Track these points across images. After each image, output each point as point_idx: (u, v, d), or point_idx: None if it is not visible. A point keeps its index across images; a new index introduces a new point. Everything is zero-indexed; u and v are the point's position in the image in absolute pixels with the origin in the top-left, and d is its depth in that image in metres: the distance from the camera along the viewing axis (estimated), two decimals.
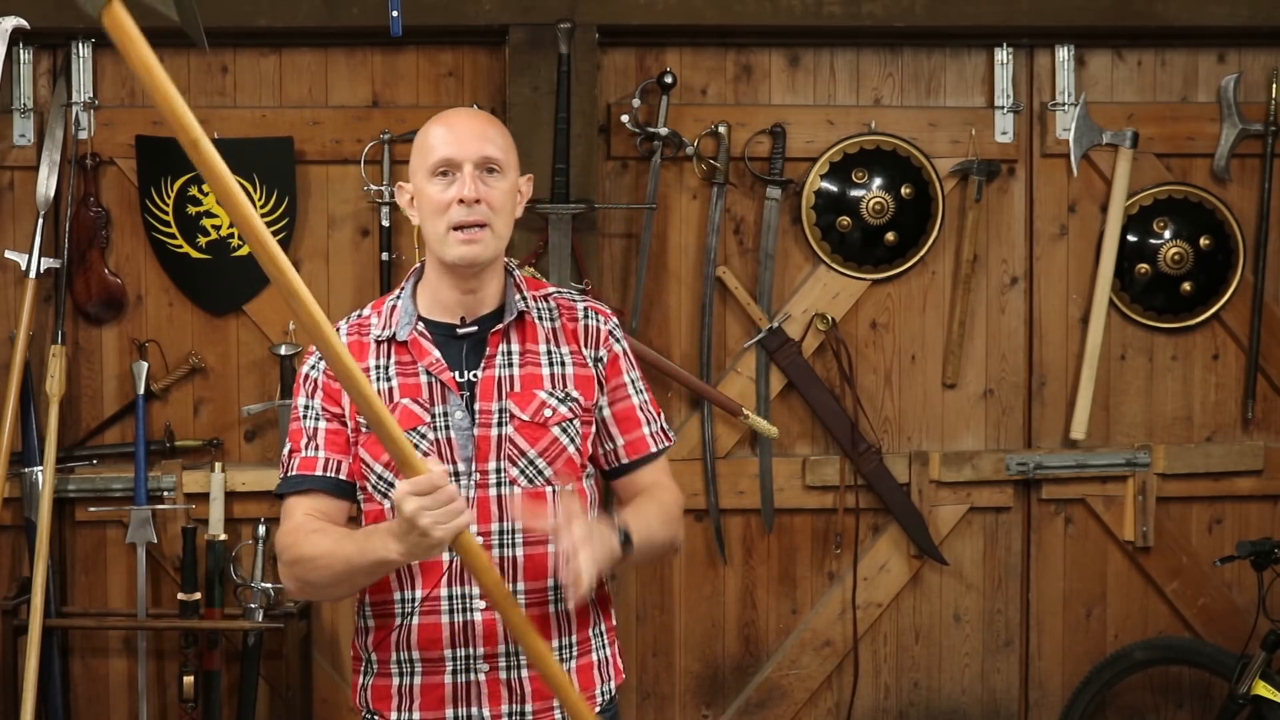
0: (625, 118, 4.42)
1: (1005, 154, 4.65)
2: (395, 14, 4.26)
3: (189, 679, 4.33)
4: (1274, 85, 4.66)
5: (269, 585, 4.33)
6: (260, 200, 4.44)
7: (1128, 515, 4.69)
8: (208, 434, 4.52)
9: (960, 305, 4.63)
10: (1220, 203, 4.68)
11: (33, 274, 4.33)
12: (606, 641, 2.61)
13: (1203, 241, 4.67)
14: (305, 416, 2.54)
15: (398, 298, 2.58)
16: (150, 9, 2.07)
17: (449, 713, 2.49)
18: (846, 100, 4.63)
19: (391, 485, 2.44)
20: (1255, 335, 4.70)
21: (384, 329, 2.54)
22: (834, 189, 4.59)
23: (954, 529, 4.67)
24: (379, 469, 2.49)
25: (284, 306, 4.45)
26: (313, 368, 2.56)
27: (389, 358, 2.52)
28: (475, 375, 2.50)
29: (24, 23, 4.26)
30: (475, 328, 2.52)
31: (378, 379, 2.50)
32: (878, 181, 4.58)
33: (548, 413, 2.50)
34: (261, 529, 4.37)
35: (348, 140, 4.48)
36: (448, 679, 2.48)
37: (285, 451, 2.56)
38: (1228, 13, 4.52)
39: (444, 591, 2.48)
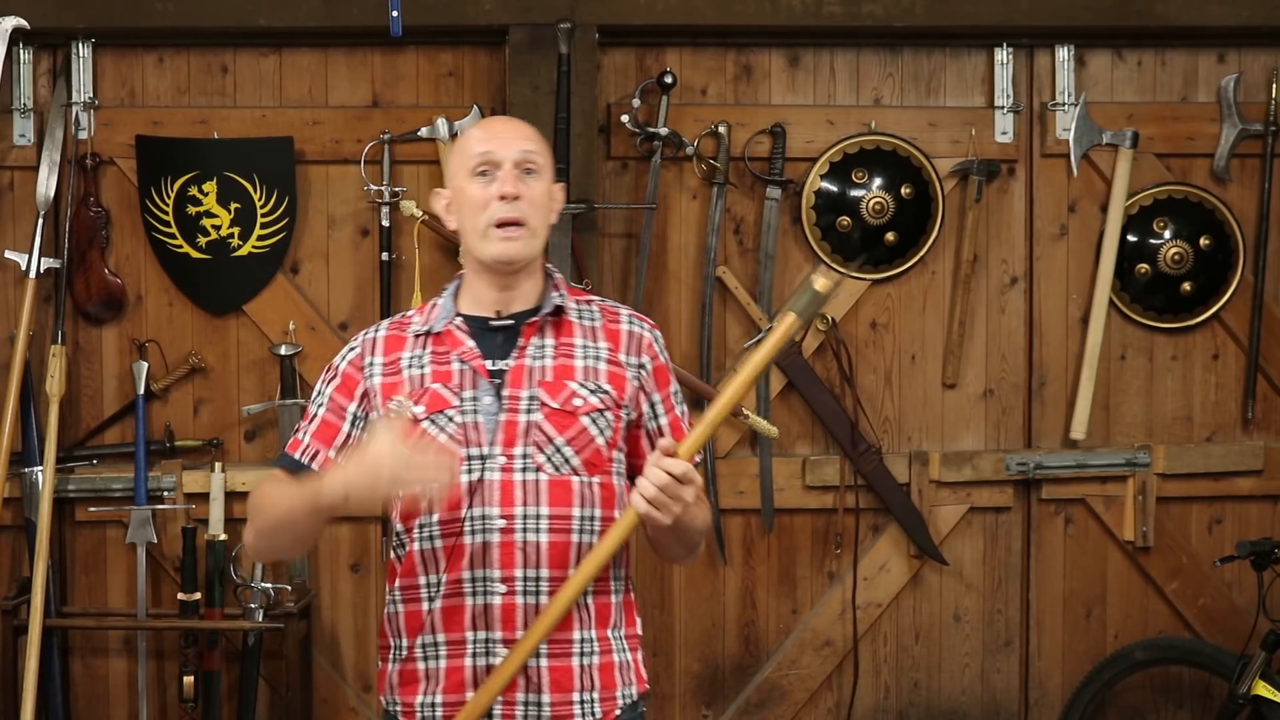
0: (625, 118, 4.42)
1: (1005, 154, 4.65)
2: (395, 14, 4.26)
3: (189, 679, 4.32)
4: (1274, 85, 4.65)
5: (269, 585, 4.33)
6: (260, 200, 4.44)
7: (1128, 515, 4.69)
8: (208, 434, 4.52)
9: (960, 305, 4.63)
10: (1220, 203, 4.68)
11: (33, 274, 4.33)
12: (628, 646, 2.62)
13: (1203, 241, 4.67)
14: (314, 400, 2.64)
15: (440, 298, 2.66)
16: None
17: (469, 696, 2.51)
18: (846, 100, 4.63)
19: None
20: (1255, 335, 4.70)
21: (424, 324, 2.61)
22: (834, 189, 4.59)
23: (954, 529, 4.67)
24: None
25: (284, 306, 4.46)
26: (342, 358, 2.64)
27: (425, 348, 2.58)
28: (506, 364, 2.55)
29: (24, 23, 4.26)
30: (510, 321, 2.58)
31: (411, 366, 2.57)
32: (878, 181, 4.58)
33: (578, 402, 2.54)
34: None
35: (348, 140, 4.48)
36: (467, 661, 2.51)
37: (294, 432, 2.66)
38: (1228, 13, 4.51)
39: (466, 574, 2.51)
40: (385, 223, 4.46)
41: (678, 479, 2.41)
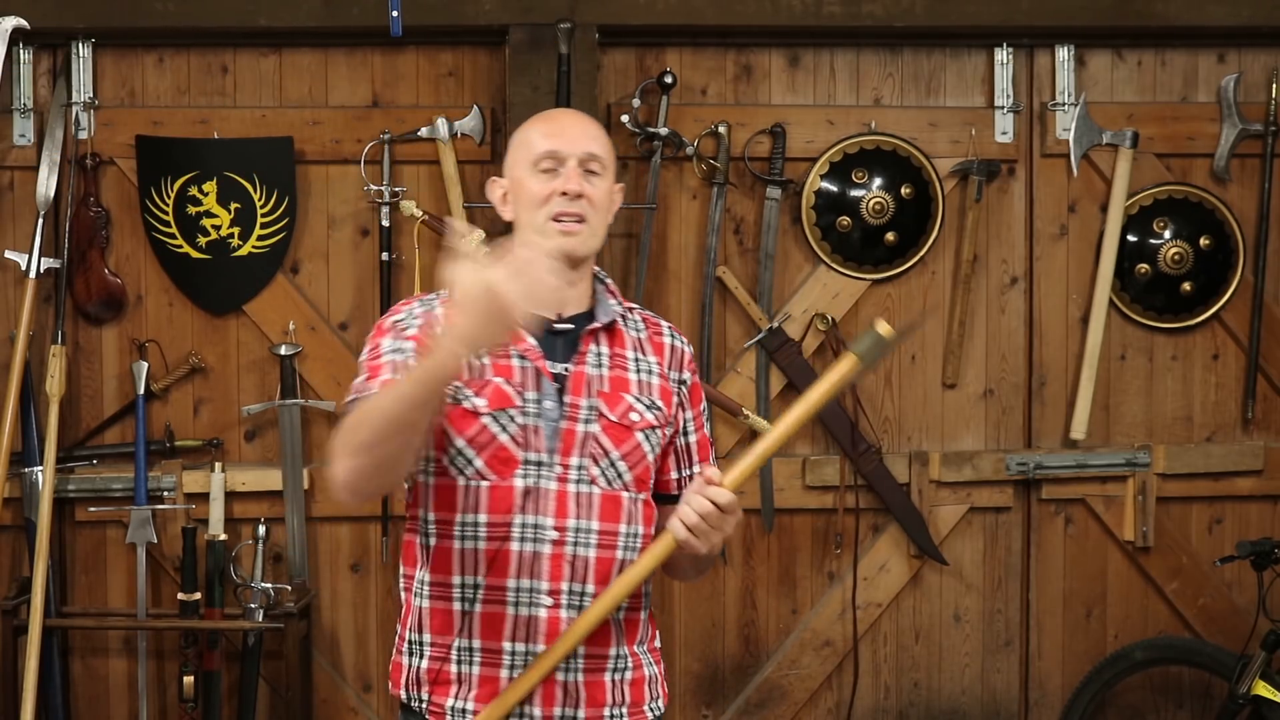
0: (625, 118, 4.42)
1: (1005, 154, 4.65)
2: (395, 14, 4.26)
3: (189, 679, 4.33)
4: (1274, 85, 4.66)
5: (269, 585, 4.33)
6: (260, 200, 4.44)
7: (1128, 515, 4.69)
8: (208, 434, 4.52)
9: (960, 305, 4.63)
10: (1220, 203, 4.68)
11: (33, 274, 4.33)
12: (652, 660, 2.60)
13: (1203, 241, 4.67)
14: (388, 350, 2.45)
15: None
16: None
17: None
18: (846, 100, 4.64)
19: (470, 462, 2.42)
20: (1255, 335, 4.70)
21: None
22: (834, 189, 4.59)
23: (954, 529, 4.67)
24: (461, 443, 2.43)
25: (284, 306, 4.46)
26: (410, 315, 2.49)
27: None
28: (567, 368, 2.48)
29: (24, 23, 4.26)
30: (570, 325, 2.50)
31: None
32: (878, 181, 4.58)
33: (634, 416, 2.50)
34: (261, 529, 4.37)
35: (348, 140, 4.48)
36: (503, 673, 2.45)
37: (360, 380, 2.45)
38: (1228, 13, 4.52)
39: (510, 583, 2.44)
40: (385, 223, 4.46)
41: (721, 509, 2.40)
